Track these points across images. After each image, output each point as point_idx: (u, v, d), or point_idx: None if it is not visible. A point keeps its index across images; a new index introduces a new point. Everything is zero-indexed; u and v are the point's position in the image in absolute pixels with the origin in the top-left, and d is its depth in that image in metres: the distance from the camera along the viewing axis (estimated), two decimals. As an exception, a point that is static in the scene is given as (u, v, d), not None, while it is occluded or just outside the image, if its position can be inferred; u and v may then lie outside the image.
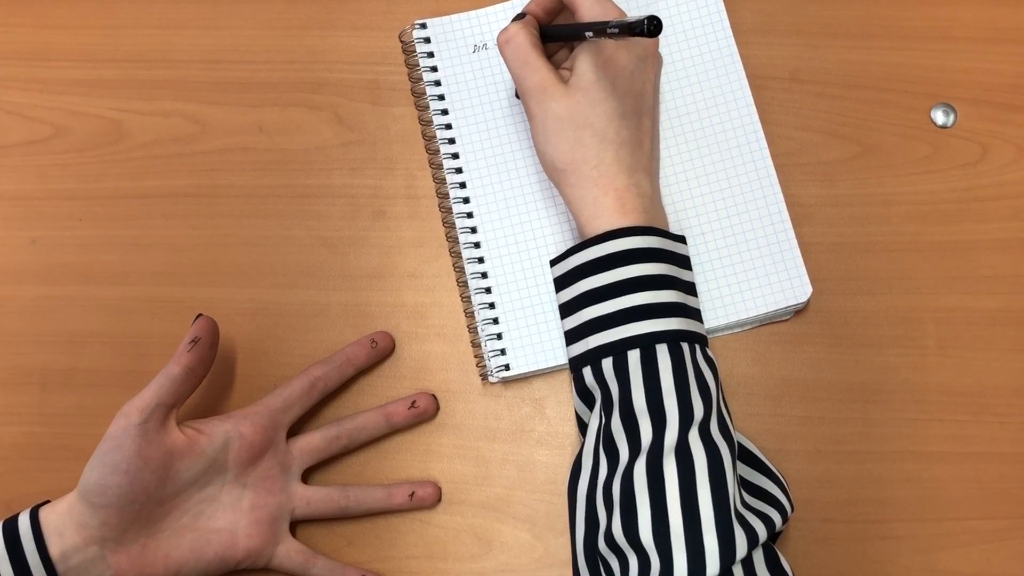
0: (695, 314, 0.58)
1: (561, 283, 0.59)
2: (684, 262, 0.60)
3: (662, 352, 0.54)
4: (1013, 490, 0.61)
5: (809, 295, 0.62)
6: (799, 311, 0.64)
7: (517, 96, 0.66)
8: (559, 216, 0.65)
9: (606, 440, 0.54)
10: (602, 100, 0.57)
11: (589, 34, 0.56)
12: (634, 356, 0.54)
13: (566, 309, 0.59)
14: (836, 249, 0.64)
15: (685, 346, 0.55)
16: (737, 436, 0.57)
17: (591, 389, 0.56)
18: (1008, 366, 0.62)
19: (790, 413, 0.62)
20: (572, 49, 0.61)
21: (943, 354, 0.63)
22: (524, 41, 0.59)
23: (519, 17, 0.61)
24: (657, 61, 0.61)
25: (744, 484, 0.56)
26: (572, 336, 0.58)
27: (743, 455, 0.57)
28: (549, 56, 0.61)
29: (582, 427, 0.58)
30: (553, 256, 0.62)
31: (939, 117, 0.66)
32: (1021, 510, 0.60)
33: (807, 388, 0.63)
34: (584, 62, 0.58)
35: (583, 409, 0.58)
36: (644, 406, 0.53)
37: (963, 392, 0.62)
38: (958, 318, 0.63)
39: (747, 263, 0.63)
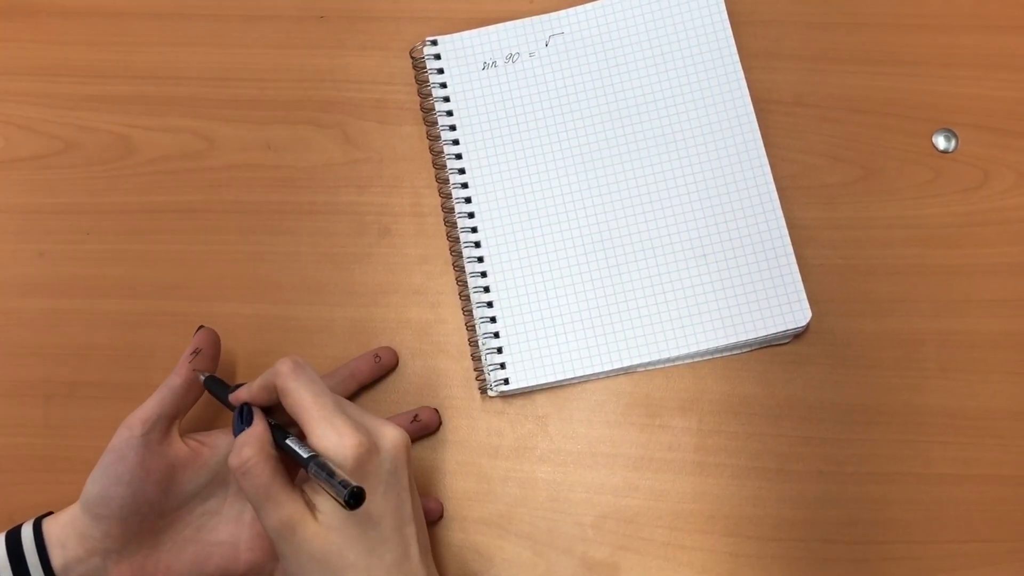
0: None
1: None
2: None
3: None
4: (1014, 513, 0.61)
5: (808, 320, 0.63)
6: (799, 333, 0.64)
7: None
8: (563, 233, 0.65)
9: None
10: (358, 535, 0.49)
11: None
12: None
13: None
14: (838, 271, 0.65)
15: None
16: None
17: None
18: (1009, 389, 0.63)
19: (792, 433, 0.62)
20: None
21: (944, 376, 0.63)
22: (263, 472, 0.50)
23: (248, 415, 0.54)
24: (407, 450, 0.53)
25: None
26: None
27: None
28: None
29: None
30: (557, 267, 0.62)
31: (941, 142, 0.67)
32: (1022, 533, 0.60)
33: (809, 409, 0.63)
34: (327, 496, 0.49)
35: None
36: None
37: (964, 415, 0.62)
38: (959, 341, 0.63)
39: (747, 285, 0.63)
